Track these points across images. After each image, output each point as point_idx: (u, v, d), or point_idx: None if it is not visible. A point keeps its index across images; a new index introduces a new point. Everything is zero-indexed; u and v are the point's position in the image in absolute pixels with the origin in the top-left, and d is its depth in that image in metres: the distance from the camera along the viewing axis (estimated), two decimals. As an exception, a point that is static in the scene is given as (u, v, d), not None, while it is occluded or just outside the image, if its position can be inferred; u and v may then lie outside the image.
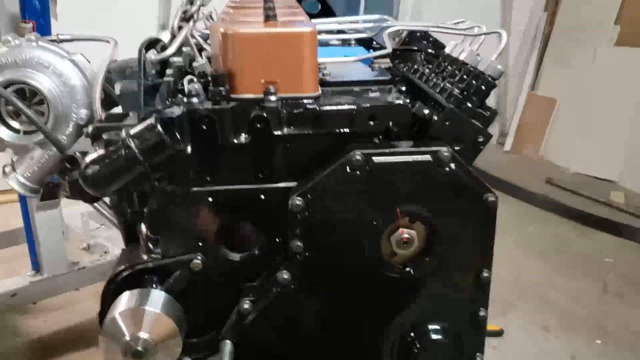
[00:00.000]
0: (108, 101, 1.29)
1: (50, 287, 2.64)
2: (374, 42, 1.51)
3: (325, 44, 1.49)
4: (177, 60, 1.22)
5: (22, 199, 2.57)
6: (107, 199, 1.22)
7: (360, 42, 1.50)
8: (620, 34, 5.20)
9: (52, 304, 2.88)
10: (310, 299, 1.05)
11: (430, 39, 1.41)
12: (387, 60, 1.38)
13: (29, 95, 1.34)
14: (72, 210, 3.06)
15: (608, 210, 4.53)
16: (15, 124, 1.35)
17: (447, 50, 1.26)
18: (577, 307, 3.27)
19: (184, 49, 1.40)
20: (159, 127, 0.87)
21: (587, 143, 5.27)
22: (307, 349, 1.08)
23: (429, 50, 1.34)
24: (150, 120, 0.87)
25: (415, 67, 1.30)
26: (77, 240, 2.95)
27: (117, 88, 1.15)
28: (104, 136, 0.88)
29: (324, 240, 1.01)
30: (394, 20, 1.38)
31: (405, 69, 1.32)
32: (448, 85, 1.11)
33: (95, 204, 1.79)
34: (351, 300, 1.06)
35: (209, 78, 1.00)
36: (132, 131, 0.87)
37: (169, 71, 1.11)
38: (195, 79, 1.04)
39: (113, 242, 2.88)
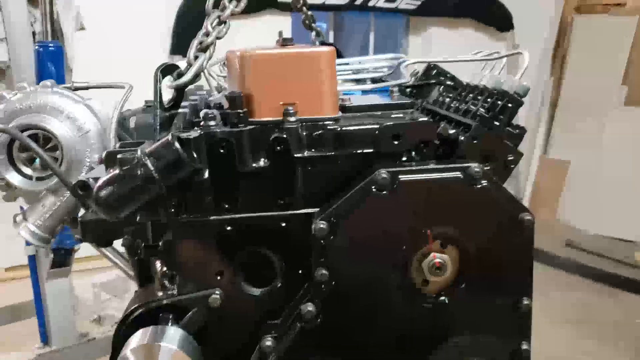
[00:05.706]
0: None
1: (58, 360, 2.53)
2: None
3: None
4: (193, 98, 1.20)
5: (33, 268, 2.51)
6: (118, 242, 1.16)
7: (375, 82, 1.48)
8: (628, 94, 5.23)
9: (61, 379, 2.74)
10: (338, 333, 0.97)
11: (448, 74, 1.39)
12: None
13: (43, 141, 1.32)
14: (84, 281, 3.00)
15: (634, 271, 4.38)
16: (27, 170, 1.32)
17: (465, 80, 1.24)
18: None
19: (198, 93, 1.39)
20: (176, 144, 0.83)
21: (605, 204, 5.18)
22: (336, 390, 0.99)
23: (448, 83, 1.31)
24: (168, 138, 0.83)
25: (435, 98, 1.27)
26: (87, 312, 2.86)
27: (132, 122, 1.12)
28: (119, 156, 0.83)
29: (351, 267, 0.94)
30: (408, 58, 1.36)
31: (424, 103, 1.29)
32: (472, 107, 1.08)
33: (106, 251, 1.74)
34: (381, 334, 0.97)
35: (226, 109, 0.97)
36: (148, 149, 0.83)
37: (184, 103, 1.09)
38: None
39: (125, 313, 2.78)
